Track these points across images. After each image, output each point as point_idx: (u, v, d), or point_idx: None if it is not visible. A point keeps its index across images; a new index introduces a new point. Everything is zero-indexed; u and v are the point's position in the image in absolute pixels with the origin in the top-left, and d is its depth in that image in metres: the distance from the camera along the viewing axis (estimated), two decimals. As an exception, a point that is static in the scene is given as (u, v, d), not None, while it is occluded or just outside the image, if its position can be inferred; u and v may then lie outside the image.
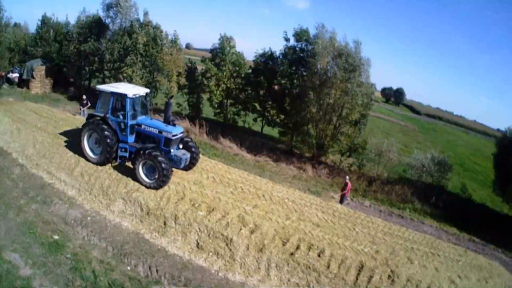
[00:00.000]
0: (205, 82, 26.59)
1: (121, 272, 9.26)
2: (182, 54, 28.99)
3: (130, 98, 12.73)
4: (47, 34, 31.06)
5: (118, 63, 25.80)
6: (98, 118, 13.19)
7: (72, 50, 28.69)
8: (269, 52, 26.56)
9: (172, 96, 16.08)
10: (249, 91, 27.27)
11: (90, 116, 13.79)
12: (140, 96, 13.53)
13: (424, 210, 19.79)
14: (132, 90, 13.22)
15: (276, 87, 26.30)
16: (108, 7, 26.95)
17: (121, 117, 13.11)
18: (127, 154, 13.07)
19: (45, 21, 31.56)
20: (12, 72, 29.30)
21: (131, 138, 13.22)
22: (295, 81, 25.43)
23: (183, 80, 27.66)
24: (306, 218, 12.40)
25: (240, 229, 10.74)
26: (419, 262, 10.91)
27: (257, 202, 12.65)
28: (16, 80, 29.14)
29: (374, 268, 10.09)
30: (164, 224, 11.05)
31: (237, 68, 27.09)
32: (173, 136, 12.67)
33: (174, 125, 13.11)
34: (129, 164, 13.18)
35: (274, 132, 28.36)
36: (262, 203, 12.73)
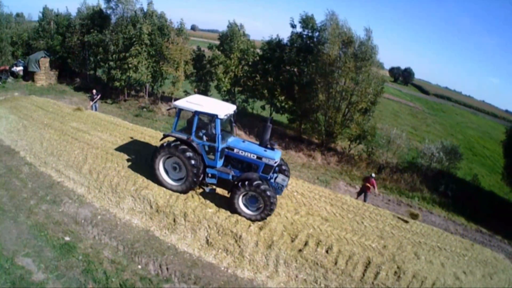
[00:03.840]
0: (213, 70, 26.53)
1: (132, 271, 9.39)
2: (188, 42, 28.85)
3: (221, 118, 11.14)
4: (49, 26, 31.35)
5: (123, 54, 25.81)
6: (176, 140, 11.70)
7: (76, 41, 29.21)
8: (277, 39, 26.12)
9: (272, 118, 13.40)
10: (258, 79, 26.94)
11: (164, 137, 12.20)
12: (230, 115, 12.17)
13: (433, 199, 19.65)
14: (222, 109, 11.53)
15: (284, 74, 25.84)
16: None
17: (205, 138, 11.58)
18: (215, 180, 11.88)
19: (46, 13, 31.82)
20: (16, 66, 29.85)
21: (219, 163, 11.80)
22: (304, 68, 25.01)
23: (190, 69, 27.63)
24: (315, 212, 12.41)
25: (249, 226, 10.84)
26: (426, 258, 10.90)
27: (265, 197, 12.67)
28: (21, 73, 29.69)
29: (381, 264, 10.12)
30: (174, 221, 11.11)
31: (245, 56, 26.81)
32: (275, 162, 11.37)
33: (273, 149, 11.73)
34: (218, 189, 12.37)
35: (283, 118, 28.21)
36: (270, 198, 12.73)
